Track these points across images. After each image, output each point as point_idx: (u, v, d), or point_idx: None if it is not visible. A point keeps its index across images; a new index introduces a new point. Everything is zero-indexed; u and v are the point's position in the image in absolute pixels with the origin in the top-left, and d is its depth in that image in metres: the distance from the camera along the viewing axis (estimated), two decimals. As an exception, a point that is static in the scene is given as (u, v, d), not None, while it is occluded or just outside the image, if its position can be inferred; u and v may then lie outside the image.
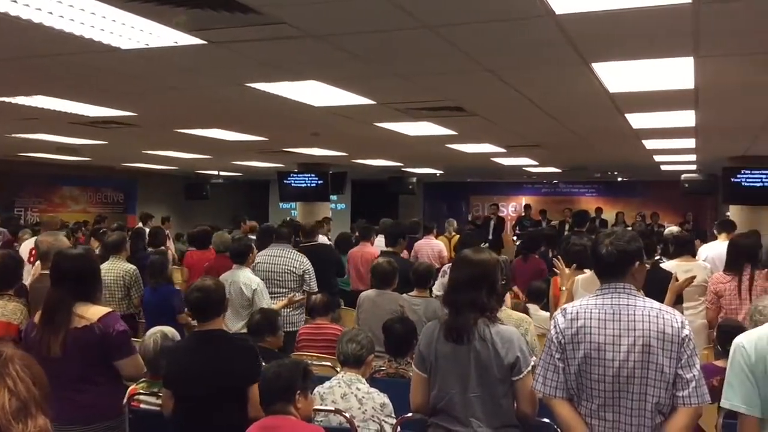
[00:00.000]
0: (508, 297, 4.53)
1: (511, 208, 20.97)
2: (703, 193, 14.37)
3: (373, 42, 4.30)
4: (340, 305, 7.05)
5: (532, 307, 5.99)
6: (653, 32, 3.98)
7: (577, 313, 2.69)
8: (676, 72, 5.00)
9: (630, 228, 9.99)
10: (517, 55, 4.64)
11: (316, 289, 6.26)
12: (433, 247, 9.21)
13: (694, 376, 2.56)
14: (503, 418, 2.88)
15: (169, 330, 3.92)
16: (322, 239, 9.02)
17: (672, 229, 10.53)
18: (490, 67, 4.99)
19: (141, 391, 3.74)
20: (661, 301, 3.03)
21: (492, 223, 15.25)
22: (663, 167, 14.58)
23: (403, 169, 15.94)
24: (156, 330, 3.90)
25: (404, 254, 8.16)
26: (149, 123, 8.17)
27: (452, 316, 2.94)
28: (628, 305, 2.65)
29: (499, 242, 14.66)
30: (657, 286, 4.27)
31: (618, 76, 5.22)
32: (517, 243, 12.07)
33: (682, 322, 2.62)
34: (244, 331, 4.98)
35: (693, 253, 6.27)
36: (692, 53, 4.45)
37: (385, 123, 7.93)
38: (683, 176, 13.70)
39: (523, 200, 19.47)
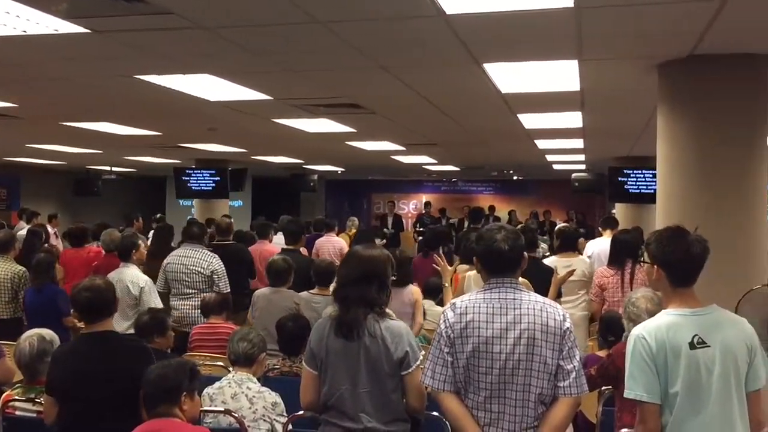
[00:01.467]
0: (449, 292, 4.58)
1: (412, 205, 21.29)
2: (591, 191, 15.00)
3: (264, 36, 4.24)
4: (248, 307, 6.90)
5: (428, 303, 6.08)
6: (539, 35, 4.12)
7: (466, 307, 2.74)
8: (563, 74, 5.20)
9: (521, 225, 10.32)
10: (411, 53, 4.70)
11: (227, 290, 6.08)
12: (334, 244, 9.19)
13: (574, 367, 2.66)
14: (393, 413, 2.89)
15: (47, 332, 3.71)
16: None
17: (559, 226, 10.97)
18: (384, 65, 5.03)
19: (17, 397, 3.53)
20: (543, 294, 3.15)
21: (390, 220, 15.44)
22: (555, 166, 15.18)
23: (304, 166, 15.84)
24: (32, 333, 3.68)
25: (304, 251, 8.15)
26: (32, 115, 7.75)
27: (343, 311, 2.93)
28: (514, 299, 2.72)
29: (397, 239, 14.83)
30: (538, 279, 4.49)
31: (509, 77, 5.38)
32: (419, 240, 12.26)
33: (564, 316, 2.72)
34: (131, 331, 4.80)
35: (575, 249, 6.54)
36: (576, 56, 4.64)
37: (284, 119, 7.85)
38: (573, 175, 14.27)
39: (424, 198, 19.76)
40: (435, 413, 3.00)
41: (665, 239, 2.76)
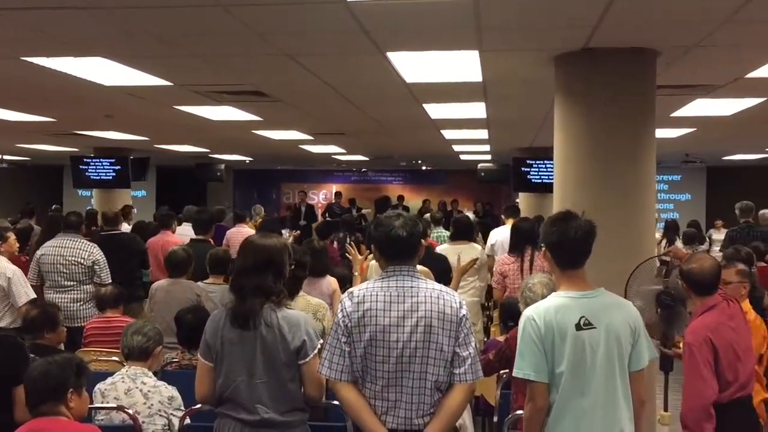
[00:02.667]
0: (358, 280, 4.56)
1: (322, 195, 21.21)
2: (497, 181, 15.38)
3: (162, 17, 4.08)
4: (142, 298, 6.69)
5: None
6: (440, 25, 4.15)
7: (364, 296, 2.74)
8: (465, 65, 5.27)
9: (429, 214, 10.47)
10: (314, 41, 4.64)
11: (108, 281, 5.88)
12: (244, 234, 8.99)
13: (469, 353, 2.71)
14: (291, 403, 2.87)
15: None
16: (125, 229, 8.53)
17: (469, 215, 11.18)
18: (288, 52, 4.95)
19: None
20: (439, 281, 3.19)
21: (303, 210, 15.32)
22: (462, 157, 15.44)
23: (210, 155, 15.47)
24: None
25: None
26: None
27: (238, 301, 2.88)
28: (412, 287, 2.73)
29: (309, 230, 14.72)
30: (433, 268, 4.64)
31: (413, 66, 5.41)
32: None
33: (460, 303, 2.76)
34: (2, 325, 4.56)
35: (469, 237, 6.70)
36: (477, 47, 4.70)
37: (185, 106, 7.61)
38: (480, 165, 14.59)
39: (334, 188, 19.73)
40: (335, 402, 2.98)
41: (550, 223, 2.87)
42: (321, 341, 2.95)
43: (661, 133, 9.50)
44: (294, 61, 5.22)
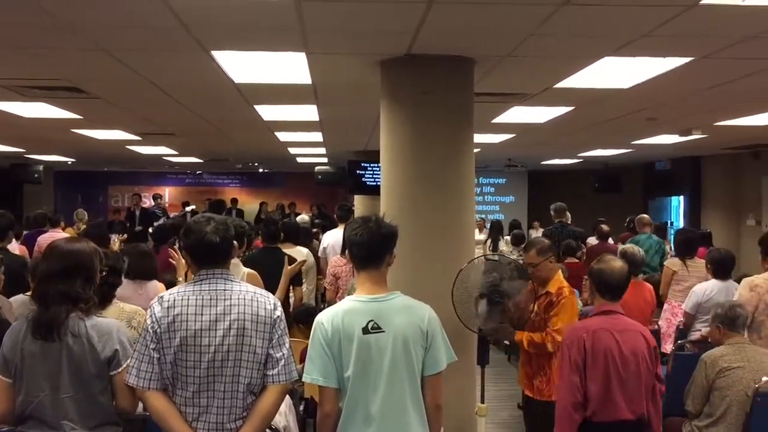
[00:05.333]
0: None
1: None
2: (334, 183, 15.53)
3: (-46, 4, 3.72)
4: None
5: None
6: (264, 25, 4.11)
7: (174, 300, 2.65)
8: (293, 66, 5.25)
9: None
10: (133, 36, 4.43)
11: None
12: (58, 241, 8.43)
13: (283, 354, 2.69)
14: (101, 417, 2.72)
15: None
16: None
17: (303, 217, 11.21)
18: (104, 47, 4.68)
19: None
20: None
21: (138, 214, 14.61)
22: (299, 159, 15.43)
23: (27, 155, 14.31)
24: None
25: (20, 249, 7.37)
26: None
27: (41, 310, 2.69)
28: (225, 290, 2.68)
29: (145, 235, 14.06)
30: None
31: (240, 66, 5.31)
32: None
33: (274, 304, 2.73)
34: None
35: (295, 241, 6.77)
36: (304, 49, 4.71)
37: (-8, 101, 7.00)
38: (317, 168, 14.66)
39: (166, 190, 19.00)
40: (147, 413, 2.85)
41: (349, 225, 2.86)
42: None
43: (484, 138, 10.08)
44: (111, 57, 4.95)
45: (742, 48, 4.53)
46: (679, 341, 5.67)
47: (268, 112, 7.82)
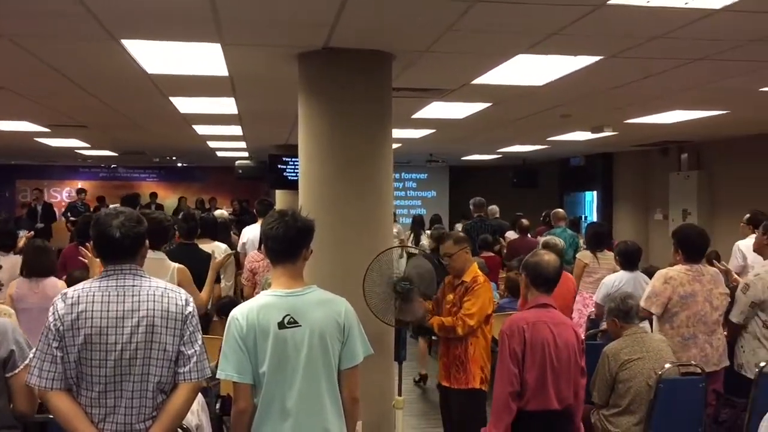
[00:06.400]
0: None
1: (66, 193, 19.58)
2: (256, 178, 15.31)
3: None
4: None
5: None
6: (175, 14, 4.00)
7: (79, 297, 2.55)
8: (208, 58, 5.13)
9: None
10: (38, 24, 4.23)
11: None
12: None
13: (195, 351, 2.62)
14: (-2, 421, 2.59)
15: None
16: None
17: (222, 212, 11.02)
18: (5, 32, 4.45)
19: None
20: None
21: (39, 209, 14.00)
22: (219, 153, 15.14)
23: (-75, 147, 13.52)
24: None
25: None
26: None
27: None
28: (133, 286, 2.60)
29: (48, 231, 13.51)
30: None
31: (153, 56, 5.15)
32: (73, 230, 11.28)
33: (186, 300, 2.67)
34: None
35: (213, 236, 6.66)
36: (218, 40, 4.60)
37: None
38: (237, 162, 14.41)
39: (79, 184, 18.28)
40: (50, 416, 2.74)
41: (265, 219, 2.84)
42: (34, 350, 2.69)
43: (405, 133, 10.15)
44: (14, 44, 4.72)
45: (648, 48, 4.71)
46: (590, 331, 5.87)
47: (184, 104, 7.63)
